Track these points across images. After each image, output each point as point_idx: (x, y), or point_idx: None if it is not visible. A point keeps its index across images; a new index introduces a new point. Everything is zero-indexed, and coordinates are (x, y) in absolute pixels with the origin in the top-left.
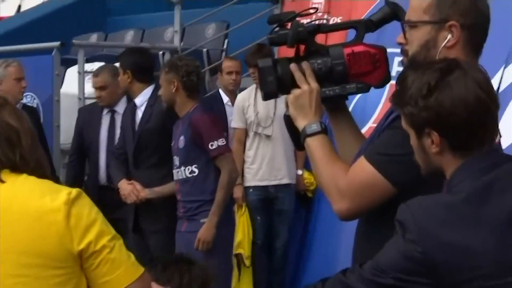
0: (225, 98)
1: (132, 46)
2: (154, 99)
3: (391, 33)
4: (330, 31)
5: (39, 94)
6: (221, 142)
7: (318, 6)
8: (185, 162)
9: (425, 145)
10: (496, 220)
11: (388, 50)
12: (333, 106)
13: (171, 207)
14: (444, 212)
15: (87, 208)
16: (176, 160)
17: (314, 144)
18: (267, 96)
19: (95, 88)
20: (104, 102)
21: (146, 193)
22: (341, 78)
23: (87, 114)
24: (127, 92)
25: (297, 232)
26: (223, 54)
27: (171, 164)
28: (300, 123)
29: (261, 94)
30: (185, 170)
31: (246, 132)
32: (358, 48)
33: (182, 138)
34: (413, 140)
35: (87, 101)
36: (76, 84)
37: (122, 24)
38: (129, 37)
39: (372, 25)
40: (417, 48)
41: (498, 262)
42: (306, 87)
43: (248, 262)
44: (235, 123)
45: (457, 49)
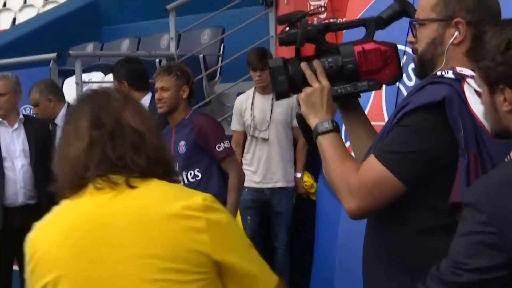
0: None
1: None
2: (154, 106)
3: (400, 30)
4: (340, 30)
5: None
6: (227, 144)
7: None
8: (186, 167)
9: (497, 102)
10: None
11: None
12: (345, 104)
13: None
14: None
15: (223, 214)
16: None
17: (325, 142)
18: (279, 95)
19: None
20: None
21: None
22: (352, 76)
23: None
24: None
25: (301, 234)
26: (220, 59)
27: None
28: (312, 121)
29: (273, 94)
30: (187, 175)
31: (244, 134)
32: (369, 45)
33: (182, 143)
34: (485, 97)
35: None
36: (73, 94)
37: (117, 33)
38: (125, 45)
39: (382, 22)
40: (424, 46)
41: None
42: (317, 85)
43: None
44: (233, 126)
45: (464, 46)
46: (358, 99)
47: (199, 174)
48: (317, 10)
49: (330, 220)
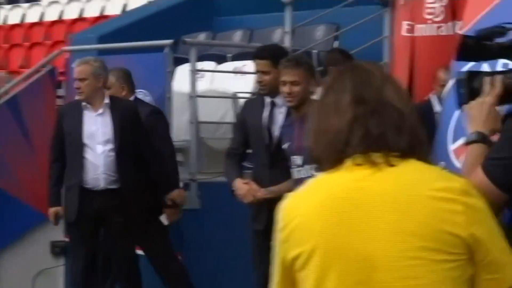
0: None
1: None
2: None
3: None
4: None
5: (152, 91)
6: None
7: (433, 10)
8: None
9: None
10: None
11: None
12: None
13: None
14: None
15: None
16: (297, 159)
17: (468, 150)
18: (459, 105)
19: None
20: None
21: (263, 192)
22: None
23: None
24: (275, 88)
25: None
26: None
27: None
28: (468, 129)
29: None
30: (310, 168)
31: None
32: None
33: None
34: None
35: (198, 99)
36: (185, 82)
37: (229, 24)
38: (237, 37)
39: None
40: None
41: None
42: (481, 99)
43: None
44: None
45: None
46: None
47: None
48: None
49: None
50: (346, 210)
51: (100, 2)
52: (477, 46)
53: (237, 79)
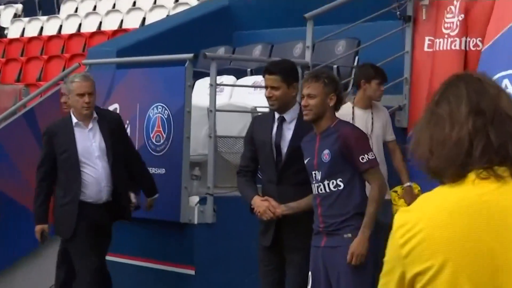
0: None
1: (258, 61)
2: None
3: None
4: None
5: (170, 105)
6: (371, 155)
7: (450, 25)
8: (329, 176)
9: None
10: None
11: None
12: None
13: (311, 222)
14: None
15: None
16: (315, 174)
17: None
18: None
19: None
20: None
21: (282, 209)
22: None
23: None
24: (285, 103)
25: None
26: (353, 71)
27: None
28: None
29: (372, 109)
30: (329, 184)
31: None
32: None
33: (327, 152)
34: None
35: (218, 113)
36: (203, 96)
37: (248, 38)
38: (257, 51)
39: None
40: None
41: None
42: None
43: None
44: None
45: None
46: None
47: (342, 184)
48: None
49: None
50: (474, 223)
51: (118, 16)
52: None
53: (256, 94)
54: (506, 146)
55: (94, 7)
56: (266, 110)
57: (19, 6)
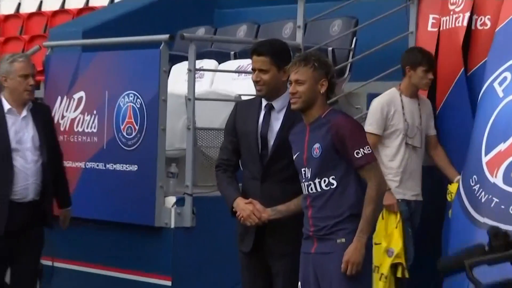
0: None
1: (244, 43)
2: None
3: None
4: None
5: (143, 93)
6: (367, 149)
7: (456, 0)
8: (320, 173)
9: None
10: None
11: None
12: None
13: (301, 226)
14: None
15: None
16: (305, 172)
17: None
18: None
19: None
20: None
21: (269, 213)
22: None
23: None
24: (274, 89)
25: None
26: (351, 54)
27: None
28: None
29: (419, 100)
30: (320, 183)
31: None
32: None
33: (317, 146)
34: None
35: (198, 102)
36: (181, 83)
37: (232, 17)
38: (241, 32)
39: None
40: None
41: None
42: None
43: (407, 273)
44: (375, 129)
45: None
46: None
47: (334, 182)
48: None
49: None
50: None
51: None
52: None
53: (241, 80)
54: None
55: None
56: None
57: None
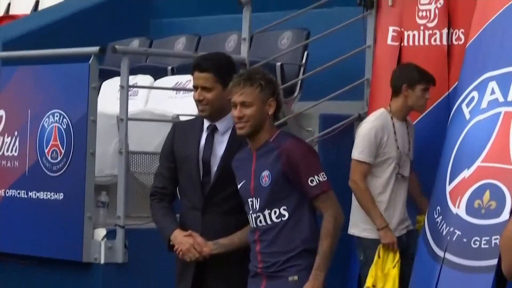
0: None
1: (182, 57)
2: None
3: None
4: None
5: (70, 113)
6: (322, 177)
7: (427, 14)
8: (270, 204)
9: None
10: None
11: (505, 69)
12: None
13: (247, 262)
14: None
15: None
16: (253, 202)
17: None
18: None
19: None
20: None
21: (210, 248)
22: None
23: None
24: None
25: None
26: (302, 70)
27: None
28: None
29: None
30: (270, 214)
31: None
32: None
33: (266, 173)
34: None
35: (131, 123)
36: (112, 101)
37: (170, 28)
38: (180, 44)
39: None
40: None
41: None
42: None
43: None
44: (366, 156)
45: None
46: None
47: (286, 214)
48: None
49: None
50: None
51: None
52: None
53: (179, 98)
54: None
55: None
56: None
57: None
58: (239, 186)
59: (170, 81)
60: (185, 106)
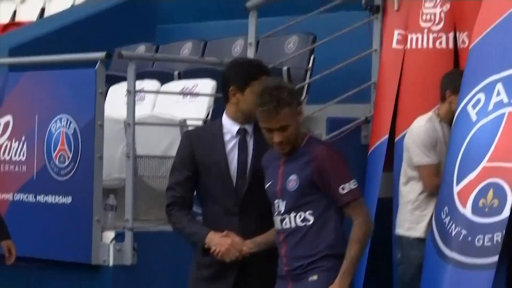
0: None
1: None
2: None
3: None
4: None
5: (77, 118)
6: (353, 184)
7: (431, 17)
8: (295, 208)
9: None
10: None
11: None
12: None
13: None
14: None
15: None
16: (279, 204)
17: None
18: None
19: None
20: None
21: (249, 246)
22: None
23: None
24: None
25: None
26: (308, 74)
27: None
28: None
29: None
30: (295, 218)
31: None
32: None
33: (294, 178)
34: None
35: (138, 127)
36: (119, 106)
37: (176, 33)
38: (186, 49)
39: None
40: None
41: None
42: None
43: None
44: (433, 157)
45: None
46: None
47: (311, 218)
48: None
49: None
50: None
51: (11, 5)
52: None
53: (185, 103)
54: None
55: None
56: (198, 123)
57: None
58: (266, 186)
59: (176, 85)
60: (191, 111)
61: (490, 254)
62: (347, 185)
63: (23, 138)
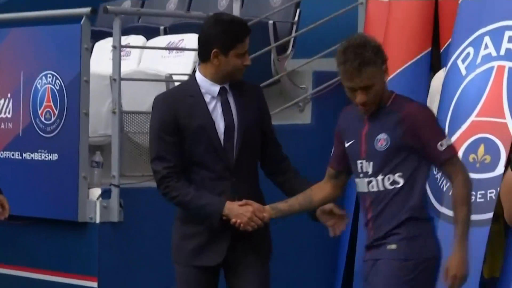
0: None
1: (174, 17)
2: None
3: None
4: None
5: (63, 74)
6: (449, 140)
7: None
8: (384, 170)
9: None
10: None
11: (498, 24)
12: None
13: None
14: None
15: None
16: (362, 165)
17: None
18: None
19: None
20: None
21: (270, 212)
22: None
23: None
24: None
25: None
26: (294, 28)
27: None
28: None
29: None
30: (383, 180)
31: None
32: None
33: (384, 137)
34: None
35: (124, 83)
36: (105, 62)
37: None
38: (172, 4)
39: None
40: None
41: None
42: None
43: None
44: None
45: None
46: None
47: (401, 181)
48: None
49: None
50: None
51: None
52: None
53: (171, 58)
54: None
55: None
56: (184, 78)
57: None
58: (347, 145)
59: (162, 40)
60: (177, 65)
61: (483, 211)
62: (445, 141)
63: (9, 95)
